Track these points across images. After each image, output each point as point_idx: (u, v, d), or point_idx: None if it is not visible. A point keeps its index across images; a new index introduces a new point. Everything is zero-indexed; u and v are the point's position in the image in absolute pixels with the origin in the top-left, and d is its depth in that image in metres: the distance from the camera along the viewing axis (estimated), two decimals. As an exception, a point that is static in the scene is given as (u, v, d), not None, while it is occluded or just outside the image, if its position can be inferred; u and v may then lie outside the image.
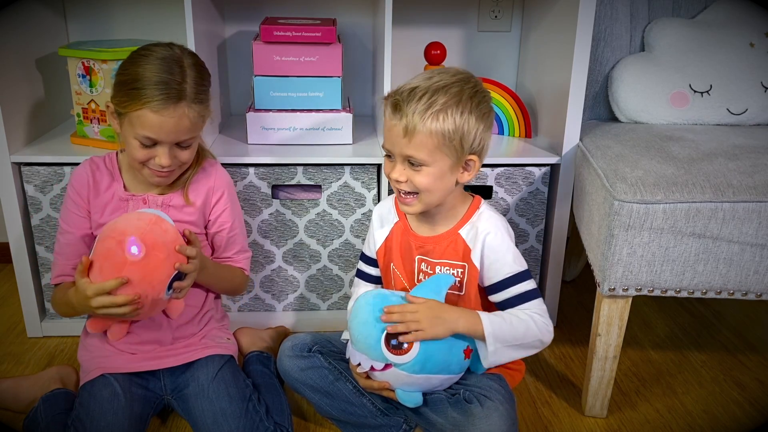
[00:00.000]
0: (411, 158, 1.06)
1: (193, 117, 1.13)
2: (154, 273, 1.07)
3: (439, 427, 1.10)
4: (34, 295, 1.50)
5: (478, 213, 1.15)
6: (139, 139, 1.12)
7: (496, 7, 1.78)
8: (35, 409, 1.19)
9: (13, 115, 1.41)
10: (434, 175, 1.07)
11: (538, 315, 1.11)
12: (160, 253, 1.08)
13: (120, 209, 1.21)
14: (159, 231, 1.10)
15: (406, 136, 1.05)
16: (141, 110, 1.09)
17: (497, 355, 1.09)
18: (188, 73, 1.13)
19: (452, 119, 1.04)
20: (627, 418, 1.33)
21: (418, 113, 1.03)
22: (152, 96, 1.09)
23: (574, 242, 1.76)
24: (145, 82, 1.09)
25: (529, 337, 1.10)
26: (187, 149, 1.17)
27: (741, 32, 1.55)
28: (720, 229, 1.14)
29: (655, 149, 1.31)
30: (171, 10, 1.68)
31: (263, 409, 1.18)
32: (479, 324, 1.08)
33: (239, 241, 1.31)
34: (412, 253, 1.18)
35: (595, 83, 1.61)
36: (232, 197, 1.29)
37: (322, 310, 1.60)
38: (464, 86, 1.06)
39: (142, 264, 1.06)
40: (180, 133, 1.13)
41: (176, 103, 1.10)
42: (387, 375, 1.09)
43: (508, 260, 1.12)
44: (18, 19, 1.46)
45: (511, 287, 1.12)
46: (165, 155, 1.13)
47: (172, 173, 1.18)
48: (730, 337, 1.62)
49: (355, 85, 1.78)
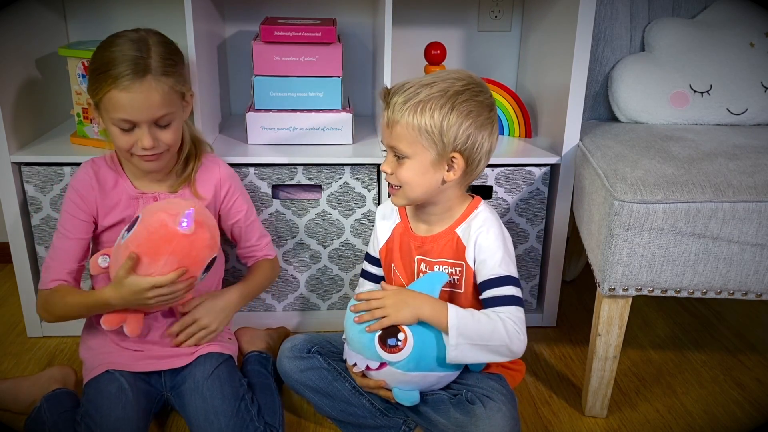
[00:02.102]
0: (395, 149, 1.09)
1: (164, 91, 1.12)
2: (200, 250, 1.11)
3: (441, 427, 1.10)
4: (34, 295, 1.50)
5: (475, 213, 1.15)
6: (116, 125, 1.12)
7: (496, 7, 1.78)
8: (38, 408, 1.18)
9: (13, 115, 1.41)
10: (415, 169, 1.08)
11: (512, 321, 1.07)
12: (206, 233, 1.11)
13: (131, 207, 1.22)
14: (206, 213, 1.15)
15: (389, 127, 1.09)
16: (110, 92, 1.10)
17: (459, 351, 1.05)
18: (153, 49, 1.13)
19: (430, 113, 1.05)
20: (627, 418, 1.33)
21: (398, 105, 1.06)
22: (117, 74, 1.09)
23: (574, 242, 1.76)
24: (111, 64, 1.10)
25: (496, 340, 1.06)
26: (168, 129, 1.16)
27: (741, 32, 1.55)
28: (720, 229, 1.14)
29: (655, 149, 1.31)
30: (171, 10, 1.68)
31: (255, 409, 1.18)
32: (444, 314, 1.06)
33: (257, 226, 1.35)
34: (412, 254, 1.18)
35: (595, 83, 1.61)
36: (240, 185, 1.33)
37: (322, 310, 1.60)
38: (454, 83, 1.07)
39: (192, 239, 1.09)
40: (152, 108, 1.12)
41: (142, 78, 1.10)
42: (383, 374, 1.09)
43: (495, 261, 1.10)
44: (18, 19, 1.46)
45: (493, 288, 1.10)
46: (146, 136, 1.13)
47: (161, 157, 1.18)
48: (730, 337, 1.62)
49: (355, 85, 1.78)
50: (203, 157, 1.28)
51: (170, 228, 1.08)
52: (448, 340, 1.06)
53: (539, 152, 1.53)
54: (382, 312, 1.07)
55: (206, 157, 1.29)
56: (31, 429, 1.18)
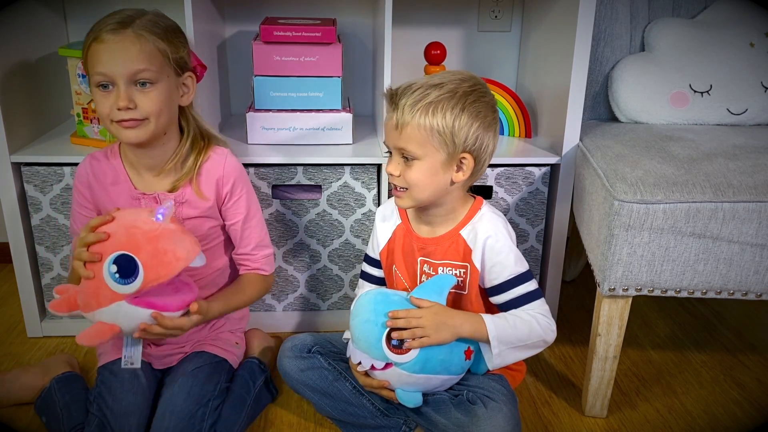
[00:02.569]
0: (404, 151, 1.08)
1: (144, 46, 1.07)
2: (164, 255, 1.02)
3: (442, 428, 1.10)
4: (34, 295, 1.50)
5: (479, 214, 1.15)
6: (96, 84, 1.09)
7: (496, 7, 1.78)
8: (48, 389, 1.21)
9: (13, 115, 1.41)
10: (425, 170, 1.08)
11: (542, 315, 1.12)
12: (176, 235, 1.04)
13: (134, 206, 1.19)
14: (180, 232, 1.06)
15: (398, 129, 1.07)
16: (91, 46, 1.07)
17: (502, 357, 1.09)
18: (147, 14, 1.11)
19: (442, 114, 1.05)
20: (627, 418, 1.33)
21: (408, 106, 1.05)
22: (99, 28, 1.07)
23: (574, 242, 1.76)
24: (100, 22, 1.09)
25: (533, 338, 1.10)
26: (148, 93, 1.09)
27: (741, 32, 1.55)
28: (720, 229, 1.14)
29: (655, 149, 1.31)
30: (171, 10, 1.66)
31: (211, 420, 1.15)
32: (483, 328, 1.08)
33: (255, 235, 1.26)
34: (414, 255, 1.18)
35: (595, 83, 1.61)
36: (244, 187, 1.24)
37: (322, 310, 1.60)
38: (461, 84, 1.07)
39: (159, 232, 1.02)
40: (127, 61, 1.06)
41: (123, 29, 1.07)
42: (387, 374, 1.09)
43: (510, 262, 1.12)
44: (18, 19, 1.46)
45: (514, 288, 1.12)
46: (121, 93, 1.07)
47: (141, 126, 1.10)
48: (730, 337, 1.62)
49: (355, 85, 1.78)
50: (211, 151, 1.22)
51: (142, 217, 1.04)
52: (490, 350, 1.08)
53: (539, 152, 1.53)
54: (422, 332, 1.06)
55: (215, 150, 1.23)
56: (41, 409, 1.20)
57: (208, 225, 1.23)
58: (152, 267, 1.00)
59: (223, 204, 1.23)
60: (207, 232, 1.24)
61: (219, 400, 1.19)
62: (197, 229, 1.21)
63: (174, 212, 1.06)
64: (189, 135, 1.20)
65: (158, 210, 1.04)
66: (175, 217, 1.08)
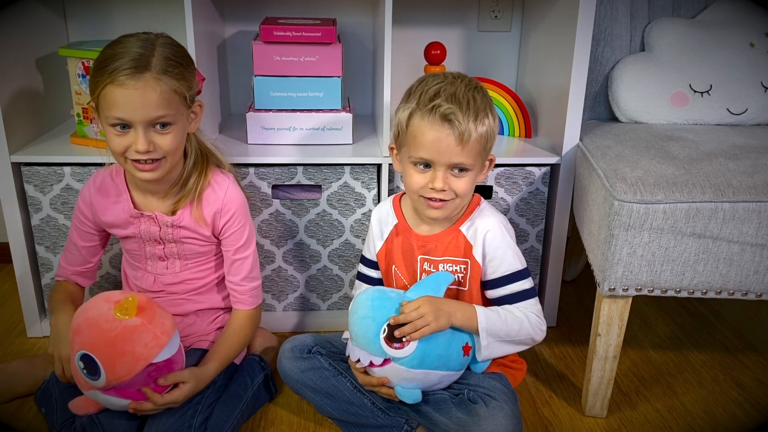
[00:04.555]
0: (460, 165, 1.08)
1: (163, 90, 1.06)
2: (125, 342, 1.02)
3: (443, 427, 1.10)
4: (34, 295, 1.50)
5: (478, 210, 1.17)
6: (111, 124, 1.07)
7: (496, 7, 1.78)
8: (48, 381, 1.21)
9: (13, 115, 1.41)
10: (472, 178, 1.10)
11: (533, 314, 1.14)
12: (136, 333, 1.03)
13: (133, 225, 1.22)
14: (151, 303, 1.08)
15: (460, 144, 1.05)
16: (107, 87, 1.05)
17: (490, 350, 1.11)
18: (159, 49, 1.08)
19: (488, 121, 1.08)
20: (627, 418, 1.33)
21: (472, 121, 1.05)
22: (115, 68, 1.04)
23: (574, 242, 1.76)
24: (111, 59, 1.06)
25: (522, 335, 1.13)
26: (166, 134, 1.09)
27: (741, 32, 1.55)
28: (720, 229, 1.14)
29: (655, 149, 1.31)
30: (171, 10, 1.68)
31: (202, 416, 1.14)
32: (474, 318, 1.10)
33: (246, 268, 1.26)
34: (414, 253, 1.19)
35: (595, 83, 1.61)
36: (242, 219, 1.23)
37: (322, 310, 1.60)
38: (477, 87, 1.10)
39: (118, 332, 1.01)
40: (148, 107, 1.05)
41: (141, 74, 1.05)
42: (386, 370, 1.09)
43: (508, 258, 1.14)
44: (18, 19, 1.46)
45: (509, 285, 1.14)
46: (140, 138, 1.06)
47: (157, 167, 1.11)
48: (730, 337, 1.62)
49: (355, 85, 1.78)
50: (212, 175, 1.21)
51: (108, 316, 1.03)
52: (479, 341, 1.10)
53: (539, 152, 1.53)
54: (423, 321, 1.06)
55: (217, 174, 1.22)
56: (40, 400, 1.21)
57: (204, 246, 1.26)
58: (111, 368, 1.01)
59: (219, 234, 1.24)
60: (203, 250, 1.26)
61: (214, 396, 1.18)
62: (193, 249, 1.25)
63: (137, 303, 1.04)
64: (192, 155, 1.21)
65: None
66: (144, 300, 1.06)
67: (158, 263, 1.26)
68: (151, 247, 1.24)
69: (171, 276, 1.27)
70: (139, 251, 1.26)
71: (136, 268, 1.29)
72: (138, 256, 1.27)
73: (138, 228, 1.22)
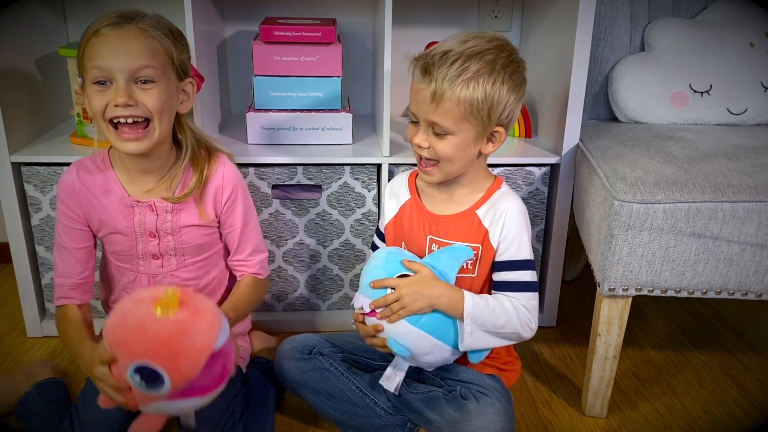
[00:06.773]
0: (436, 125, 1.04)
1: (147, 41, 1.01)
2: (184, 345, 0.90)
3: (436, 424, 1.10)
4: (34, 295, 1.50)
5: (499, 193, 1.13)
6: (92, 81, 1.01)
7: (496, 7, 1.78)
8: (28, 394, 1.19)
9: (13, 115, 1.41)
10: (457, 144, 1.05)
11: (525, 309, 1.09)
12: (188, 325, 0.90)
13: (127, 217, 1.13)
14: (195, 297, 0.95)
15: (434, 102, 1.02)
16: (90, 41, 1.00)
17: (473, 338, 1.06)
18: (147, 15, 1.05)
19: (483, 88, 1.01)
20: (627, 418, 1.33)
21: (448, 79, 1.00)
22: (101, 22, 1.01)
23: (574, 242, 1.76)
24: (97, 20, 1.03)
25: (508, 329, 1.08)
26: (149, 90, 1.03)
27: (741, 32, 1.55)
28: (720, 229, 1.14)
29: (655, 149, 1.31)
30: (171, 10, 1.66)
31: (241, 424, 1.12)
32: (461, 303, 1.05)
33: (252, 241, 1.23)
34: (424, 232, 1.15)
35: (595, 83, 1.61)
36: (242, 195, 1.21)
37: (322, 310, 1.60)
38: (499, 54, 1.03)
39: (170, 331, 0.89)
40: (129, 56, 1.00)
41: (126, 24, 1.01)
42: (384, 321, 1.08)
43: (517, 243, 1.10)
44: (18, 19, 1.46)
45: (512, 271, 1.10)
46: (121, 89, 1.00)
47: (143, 134, 1.04)
48: (730, 337, 1.62)
49: (355, 85, 1.78)
50: (212, 161, 1.18)
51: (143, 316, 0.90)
52: (462, 327, 1.06)
53: (539, 152, 1.53)
54: (399, 305, 1.05)
55: (213, 158, 1.19)
56: (20, 414, 1.19)
57: (206, 236, 1.20)
58: (176, 370, 0.89)
59: (221, 212, 1.20)
60: (205, 240, 1.20)
61: (241, 404, 1.16)
62: (192, 240, 1.18)
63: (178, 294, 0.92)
64: (188, 148, 1.15)
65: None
66: (180, 289, 0.93)
67: (152, 262, 1.17)
68: (143, 243, 1.15)
69: (167, 276, 1.19)
70: (129, 250, 1.16)
71: (124, 273, 1.19)
72: (128, 257, 1.17)
73: (131, 220, 1.13)
